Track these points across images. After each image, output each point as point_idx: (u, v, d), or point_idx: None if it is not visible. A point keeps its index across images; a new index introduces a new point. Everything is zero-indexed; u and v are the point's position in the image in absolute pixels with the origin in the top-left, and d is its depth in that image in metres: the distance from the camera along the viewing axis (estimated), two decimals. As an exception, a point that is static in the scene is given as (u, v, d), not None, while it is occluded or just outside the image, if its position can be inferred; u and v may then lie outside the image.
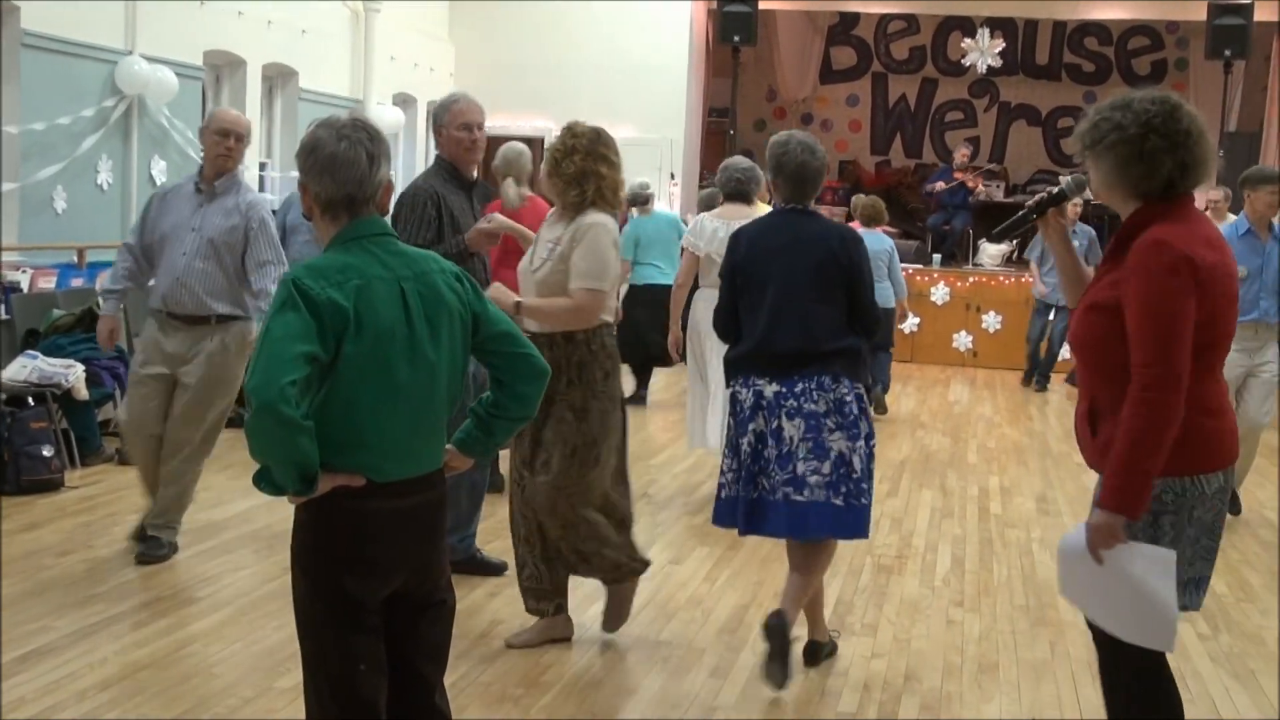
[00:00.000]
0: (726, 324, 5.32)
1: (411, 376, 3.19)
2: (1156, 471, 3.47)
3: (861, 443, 5.10)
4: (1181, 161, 3.52)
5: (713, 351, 7.53)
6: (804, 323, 5.11)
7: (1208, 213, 9.89)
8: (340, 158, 3.18)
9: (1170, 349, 3.45)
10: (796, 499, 5.05)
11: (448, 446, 3.40)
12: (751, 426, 5.12)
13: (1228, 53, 15.17)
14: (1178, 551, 3.56)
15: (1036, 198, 4.03)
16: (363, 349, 3.10)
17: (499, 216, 6.07)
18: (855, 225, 11.74)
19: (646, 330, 10.53)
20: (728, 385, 5.31)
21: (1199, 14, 15.67)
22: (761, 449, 5.12)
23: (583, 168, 5.19)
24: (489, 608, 5.89)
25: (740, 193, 7.87)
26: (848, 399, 5.09)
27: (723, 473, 5.25)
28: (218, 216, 6.37)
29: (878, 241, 11.12)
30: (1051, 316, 13.51)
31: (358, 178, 3.19)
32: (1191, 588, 3.63)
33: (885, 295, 10.84)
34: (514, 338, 3.41)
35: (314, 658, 3.25)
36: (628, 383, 8.39)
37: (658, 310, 9.57)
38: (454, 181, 6.13)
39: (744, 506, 5.15)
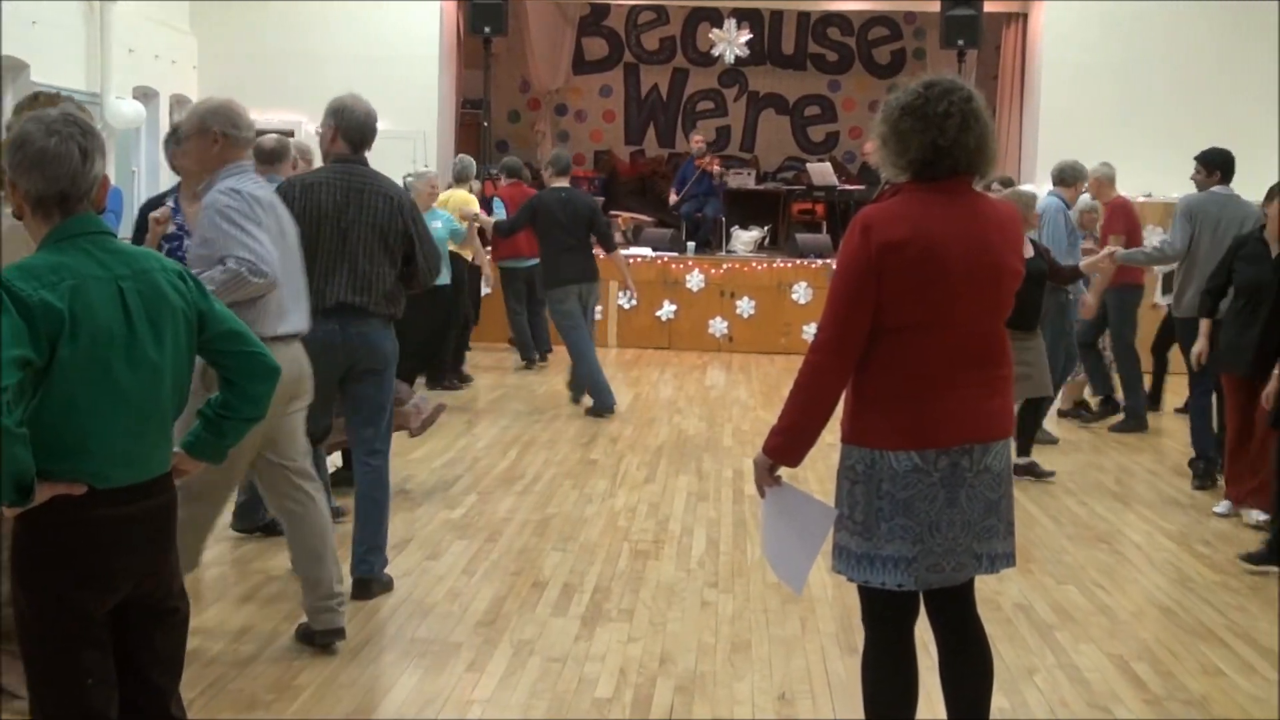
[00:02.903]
0: None
1: (133, 379, 3.09)
2: (813, 428, 3.71)
3: None
4: (933, 143, 3.59)
5: None
6: None
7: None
8: (50, 153, 3.06)
9: (834, 316, 3.65)
10: None
11: (176, 450, 3.31)
12: None
13: (960, 42, 15.77)
14: (870, 525, 3.71)
15: None
16: (79, 352, 2.99)
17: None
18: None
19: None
20: None
21: (933, 5, 16.21)
22: None
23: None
24: (241, 612, 5.77)
25: None
26: None
27: None
28: None
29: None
30: None
31: (70, 174, 3.08)
32: (890, 565, 3.71)
33: None
34: (243, 336, 3.33)
35: (39, 675, 3.13)
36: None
37: None
38: None
39: None
